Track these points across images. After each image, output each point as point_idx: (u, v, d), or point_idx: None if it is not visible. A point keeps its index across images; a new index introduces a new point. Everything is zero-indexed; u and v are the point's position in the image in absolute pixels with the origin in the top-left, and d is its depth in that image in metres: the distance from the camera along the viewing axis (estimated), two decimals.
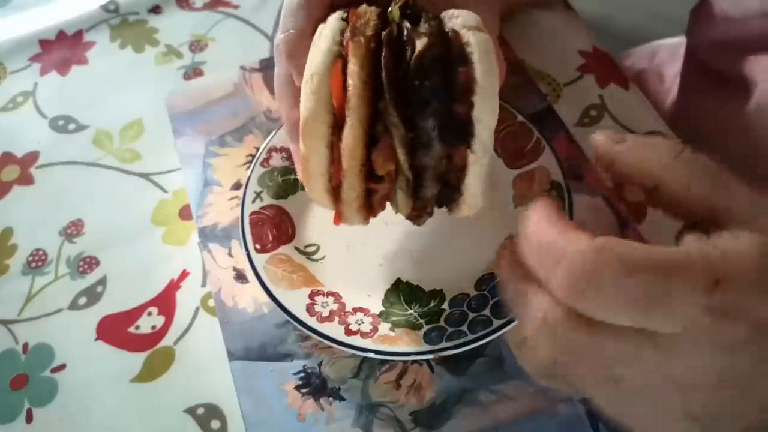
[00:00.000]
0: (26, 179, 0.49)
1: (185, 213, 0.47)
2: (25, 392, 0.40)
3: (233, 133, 0.50)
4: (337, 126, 0.30)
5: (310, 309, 0.38)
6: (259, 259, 0.40)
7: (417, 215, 0.34)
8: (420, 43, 0.29)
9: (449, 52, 0.29)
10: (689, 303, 0.23)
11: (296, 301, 0.38)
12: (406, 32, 0.30)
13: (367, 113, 0.29)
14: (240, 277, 0.43)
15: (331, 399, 0.38)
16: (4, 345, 0.42)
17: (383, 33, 0.30)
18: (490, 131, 0.29)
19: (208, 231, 0.45)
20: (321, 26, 0.32)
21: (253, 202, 0.42)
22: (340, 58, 0.30)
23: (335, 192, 0.32)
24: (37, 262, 0.45)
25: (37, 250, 0.46)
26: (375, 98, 0.29)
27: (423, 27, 0.30)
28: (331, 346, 0.39)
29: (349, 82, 0.29)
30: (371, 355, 0.36)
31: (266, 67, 0.54)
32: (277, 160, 0.44)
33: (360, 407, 0.38)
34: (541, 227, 0.26)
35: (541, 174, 0.43)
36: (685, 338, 0.24)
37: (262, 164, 0.44)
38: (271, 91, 0.52)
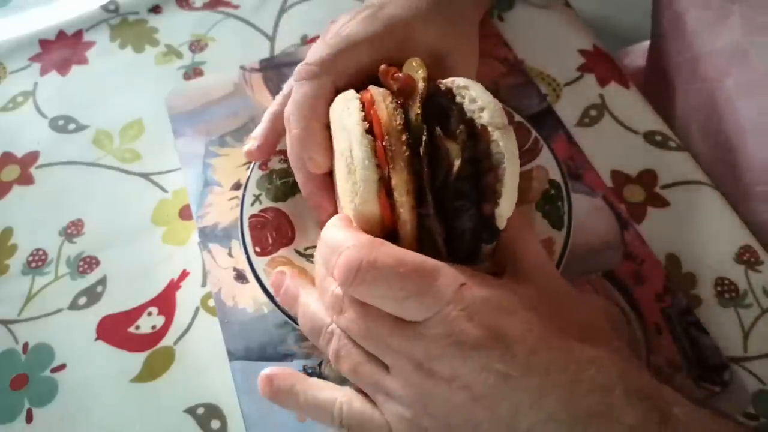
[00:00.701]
0: (26, 179, 0.49)
1: (185, 213, 0.47)
2: (25, 392, 0.40)
3: (233, 133, 0.50)
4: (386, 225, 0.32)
5: None
6: (259, 262, 0.40)
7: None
8: (455, 153, 0.31)
9: (478, 152, 0.31)
10: (437, 298, 0.28)
11: None
12: (437, 135, 0.31)
13: (414, 223, 0.31)
14: (240, 277, 0.43)
15: None
16: (4, 345, 0.42)
17: (421, 148, 0.31)
18: (506, 218, 0.32)
19: (208, 231, 0.45)
20: (341, 108, 0.34)
21: (252, 205, 0.42)
22: (381, 181, 0.31)
23: None
24: (37, 262, 0.45)
25: (37, 250, 0.46)
26: (417, 205, 0.31)
27: (457, 130, 0.31)
28: None
29: (399, 211, 0.31)
30: None
31: (266, 67, 0.54)
32: (275, 163, 0.44)
33: None
34: (327, 232, 0.31)
35: (539, 173, 0.43)
36: (429, 325, 0.28)
37: (260, 167, 0.44)
38: (271, 91, 0.52)
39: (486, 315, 0.29)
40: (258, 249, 0.40)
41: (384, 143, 0.31)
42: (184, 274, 0.44)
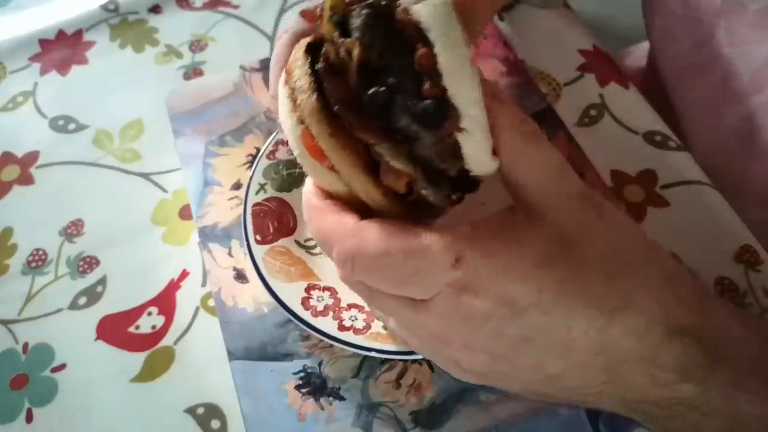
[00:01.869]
0: (26, 179, 0.49)
1: (185, 213, 0.47)
2: (25, 392, 0.40)
3: (233, 133, 0.50)
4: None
5: (305, 302, 0.39)
6: (259, 250, 0.40)
7: (456, 200, 0.29)
8: (355, 51, 0.25)
9: (401, 37, 0.25)
10: (433, 277, 0.26)
11: (292, 293, 0.39)
12: (342, 47, 0.26)
13: (351, 153, 0.27)
14: (240, 276, 0.43)
15: (331, 399, 0.38)
16: (4, 345, 0.42)
17: (318, 66, 0.26)
18: (477, 103, 0.25)
19: (208, 231, 0.45)
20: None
21: (257, 193, 0.43)
22: (301, 124, 0.27)
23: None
24: (37, 262, 0.45)
25: (37, 250, 0.46)
26: (348, 134, 0.27)
27: (355, 23, 0.25)
28: (331, 346, 0.39)
29: (321, 146, 0.27)
30: (362, 352, 0.37)
31: (266, 66, 0.54)
32: (283, 153, 0.44)
33: (360, 407, 0.38)
34: (312, 220, 0.29)
35: None
36: (435, 304, 0.27)
37: (268, 156, 0.44)
38: None
39: (491, 285, 0.26)
40: (258, 237, 0.41)
41: (290, 85, 0.27)
42: (184, 274, 0.44)
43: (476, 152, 0.26)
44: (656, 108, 0.51)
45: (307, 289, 0.40)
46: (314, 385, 0.39)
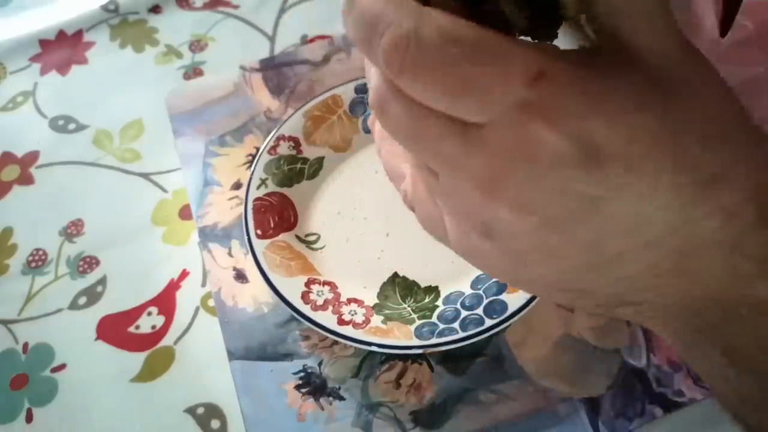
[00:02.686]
0: (26, 179, 0.49)
1: (185, 213, 0.47)
2: (25, 392, 0.40)
3: (233, 133, 0.50)
4: None
5: (305, 296, 0.39)
6: (260, 245, 0.40)
7: (535, 27, 0.25)
8: None
9: None
10: (503, 90, 0.20)
11: (292, 287, 0.39)
12: None
13: None
14: (240, 276, 0.43)
15: (331, 399, 0.38)
16: (4, 345, 0.42)
17: None
18: None
19: (208, 231, 0.45)
20: None
21: (258, 188, 0.43)
22: None
23: None
24: (37, 262, 0.45)
25: (37, 249, 0.46)
26: None
27: None
28: (331, 346, 0.40)
29: None
30: (361, 346, 0.37)
31: (266, 67, 0.54)
32: (284, 149, 0.44)
33: (360, 407, 0.38)
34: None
35: None
36: (493, 130, 0.21)
37: (269, 152, 0.44)
38: (271, 91, 0.52)
39: (572, 118, 0.20)
40: (259, 232, 0.41)
41: None
42: (184, 274, 0.44)
43: None
44: None
45: (307, 284, 0.40)
46: (314, 385, 0.39)
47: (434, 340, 0.37)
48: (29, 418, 0.39)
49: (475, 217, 0.23)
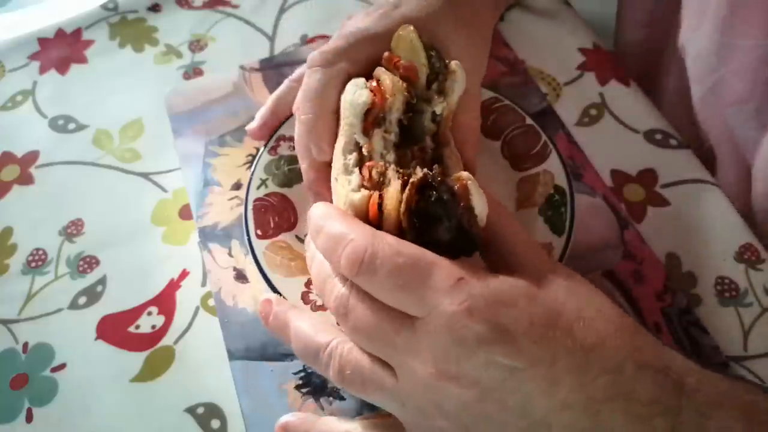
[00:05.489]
0: (26, 179, 0.49)
1: (185, 213, 0.47)
2: (25, 392, 0.40)
3: (233, 133, 0.50)
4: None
5: (305, 297, 0.39)
6: (260, 245, 0.40)
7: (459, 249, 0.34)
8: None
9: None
10: (435, 288, 0.28)
11: (292, 288, 0.39)
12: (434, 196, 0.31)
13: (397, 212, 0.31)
14: (240, 276, 0.43)
15: (331, 399, 0.38)
16: (4, 345, 0.42)
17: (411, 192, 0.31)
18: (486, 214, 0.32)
19: (208, 231, 0.45)
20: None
21: (258, 188, 0.43)
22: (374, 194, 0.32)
23: None
24: (37, 262, 0.45)
25: (37, 249, 0.46)
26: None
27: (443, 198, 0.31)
28: None
29: (386, 225, 0.31)
30: None
31: (266, 67, 0.54)
32: (285, 149, 0.44)
33: (360, 407, 0.38)
34: (328, 221, 0.31)
35: (546, 177, 0.43)
36: (430, 322, 0.28)
37: (269, 152, 0.44)
38: (271, 91, 0.52)
39: (486, 309, 0.28)
40: (259, 232, 0.41)
41: (370, 174, 0.33)
42: (183, 274, 0.44)
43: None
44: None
45: (307, 284, 0.40)
46: (314, 385, 0.39)
47: None
48: (29, 418, 0.39)
49: (429, 403, 0.29)
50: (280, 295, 0.38)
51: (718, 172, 0.49)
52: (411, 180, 0.31)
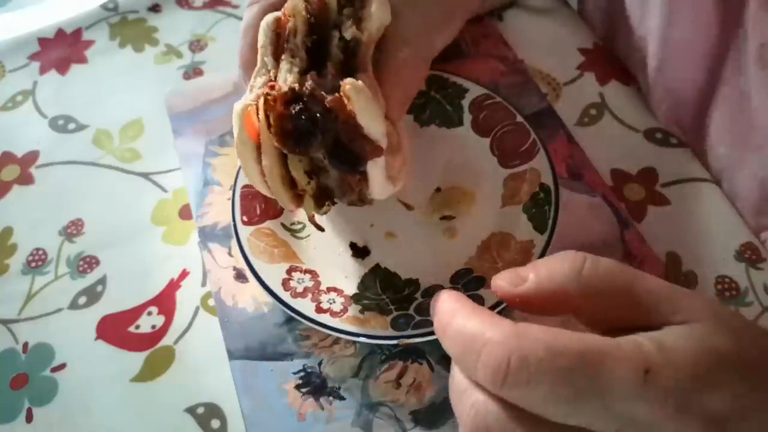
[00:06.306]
0: (26, 179, 0.49)
1: (185, 212, 0.47)
2: (25, 392, 0.40)
3: (233, 133, 0.50)
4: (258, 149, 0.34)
5: (285, 283, 0.39)
6: (244, 230, 0.41)
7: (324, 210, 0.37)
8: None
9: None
10: (621, 389, 0.21)
11: (273, 274, 0.39)
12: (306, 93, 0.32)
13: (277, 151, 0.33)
14: (240, 276, 0.43)
15: (331, 398, 0.38)
16: (4, 345, 0.42)
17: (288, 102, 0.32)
18: (382, 134, 0.32)
19: (208, 230, 0.45)
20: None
21: None
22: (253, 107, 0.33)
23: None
24: (37, 262, 0.45)
25: (37, 249, 0.46)
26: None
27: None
28: (331, 346, 0.40)
29: (262, 137, 0.33)
30: (336, 334, 0.37)
31: None
32: None
33: (360, 406, 0.38)
34: (457, 318, 0.25)
35: (532, 175, 0.43)
36: None
37: None
38: None
39: (693, 400, 0.21)
40: (245, 218, 0.41)
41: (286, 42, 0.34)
42: (183, 274, 0.44)
43: (376, 182, 0.34)
44: None
45: (289, 271, 0.40)
46: (314, 385, 0.39)
47: (409, 332, 0.37)
48: (29, 418, 0.39)
49: None
50: (260, 281, 0.38)
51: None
52: (276, 92, 0.32)
